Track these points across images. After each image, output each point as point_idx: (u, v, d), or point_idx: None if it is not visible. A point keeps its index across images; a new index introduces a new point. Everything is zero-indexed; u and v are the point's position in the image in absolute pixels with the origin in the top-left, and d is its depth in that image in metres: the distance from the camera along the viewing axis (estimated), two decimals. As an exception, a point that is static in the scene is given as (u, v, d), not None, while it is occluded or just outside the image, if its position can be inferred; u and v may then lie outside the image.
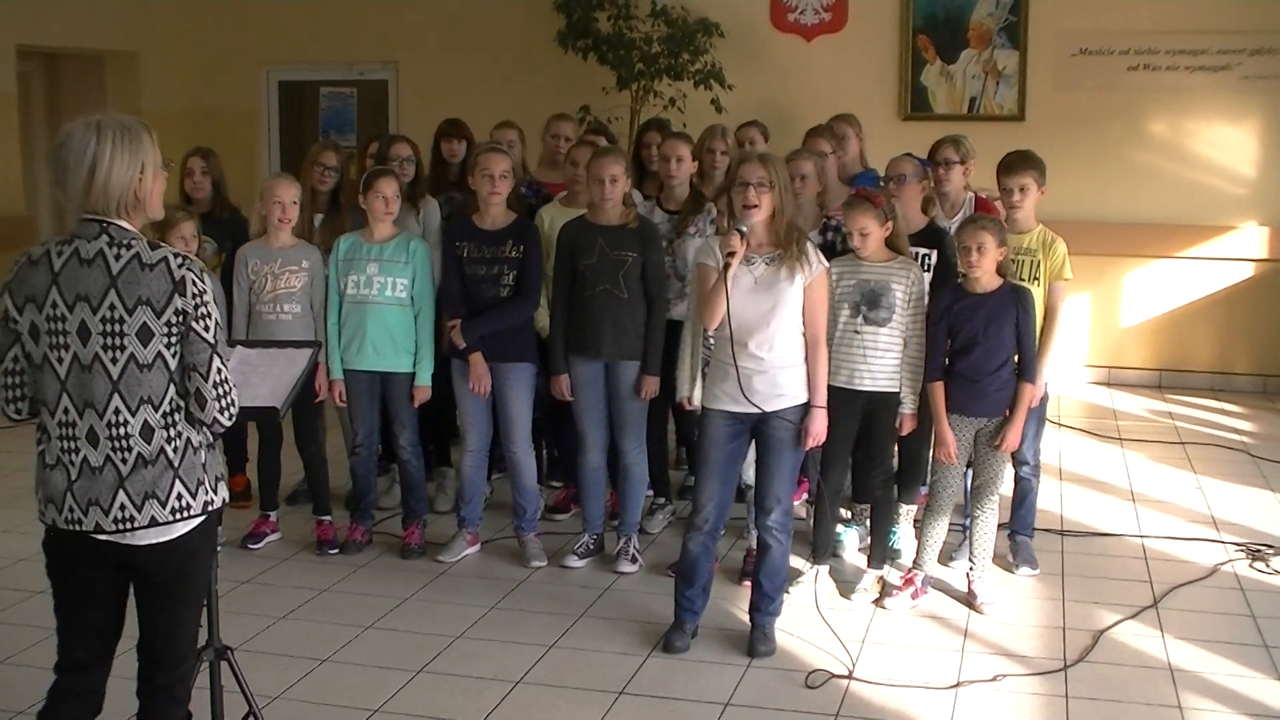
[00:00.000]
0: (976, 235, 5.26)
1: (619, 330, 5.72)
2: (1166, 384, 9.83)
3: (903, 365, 5.39)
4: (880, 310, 5.34)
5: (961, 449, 5.43)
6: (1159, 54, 9.55)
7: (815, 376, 4.92)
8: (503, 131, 7.03)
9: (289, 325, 5.98)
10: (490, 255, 5.83)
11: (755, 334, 4.79)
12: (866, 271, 5.36)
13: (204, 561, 3.45)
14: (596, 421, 5.88)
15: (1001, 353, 5.33)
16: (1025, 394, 5.37)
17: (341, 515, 6.38)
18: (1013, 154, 5.91)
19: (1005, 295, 5.32)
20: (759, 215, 4.79)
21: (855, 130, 7.36)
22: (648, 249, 5.75)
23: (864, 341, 5.36)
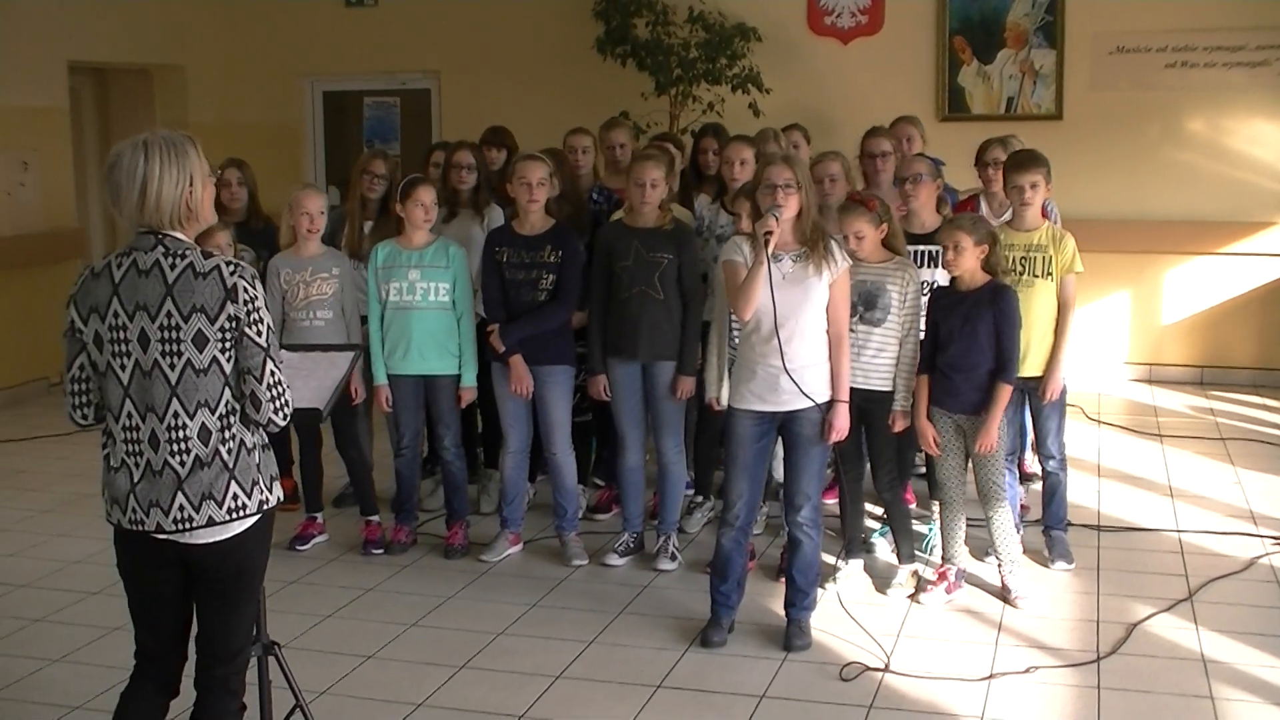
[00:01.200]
0: (952, 235, 5.34)
1: (655, 331, 5.82)
2: (1208, 380, 9.83)
3: (897, 364, 5.48)
4: (876, 311, 5.43)
5: (950, 442, 5.51)
6: (1196, 51, 9.56)
7: (839, 372, 5.01)
8: (576, 137, 7.12)
9: (322, 330, 6.13)
10: (529, 260, 5.95)
11: (783, 329, 4.87)
12: (864, 273, 5.44)
13: (259, 559, 3.59)
14: (634, 422, 6.00)
15: (976, 351, 5.36)
16: (1000, 394, 5.38)
17: (386, 517, 6.50)
18: (1020, 152, 6.02)
19: (984, 294, 5.37)
20: (786, 215, 4.89)
21: (920, 131, 7.49)
22: (683, 250, 5.86)
23: (859, 340, 5.43)
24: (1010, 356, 5.39)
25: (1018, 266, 5.72)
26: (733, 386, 5.12)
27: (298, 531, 6.41)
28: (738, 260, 4.99)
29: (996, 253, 5.40)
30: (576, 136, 7.10)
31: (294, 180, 10.76)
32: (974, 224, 5.42)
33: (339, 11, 11.32)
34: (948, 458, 5.55)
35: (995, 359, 5.37)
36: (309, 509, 6.48)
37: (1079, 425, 8.36)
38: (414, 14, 11.11)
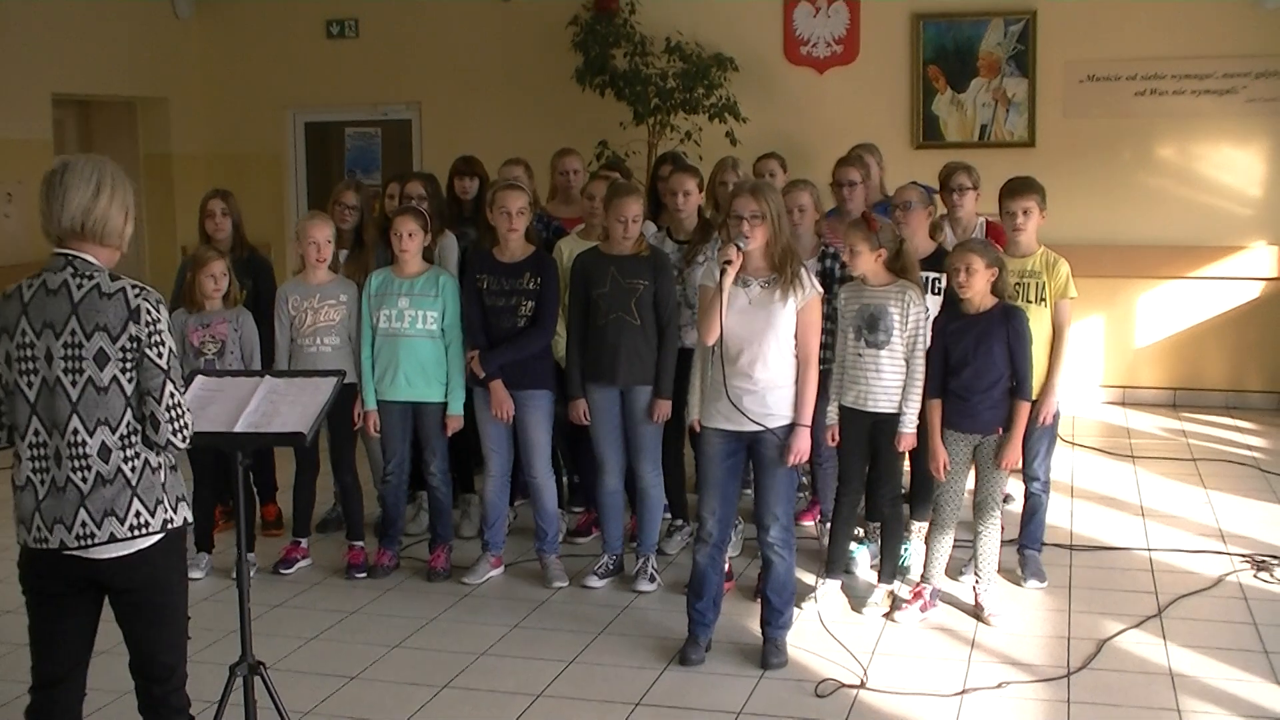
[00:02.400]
0: (964, 257, 5.46)
1: (632, 356, 5.92)
2: (1181, 403, 9.97)
3: (905, 386, 5.57)
4: (878, 333, 5.53)
5: (958, 465, 5.61)
6: (1165, 79, 9.73)
7: (803, 396, 5.10)
8: (510, 168, 7.22)
9: (329, 357, 6.22)
10: (509, 287, 6.05)
11: (746, 352, 4.99)
12: (867, 296, 5.58)
13: (171, 577, 3.63)
14: (613, 446, 6.08)
15: (992, 372, 5.49)
16: (1021, 412, 5.54)
17: (370, 541, 6.58)
18: (1015, 179, 6.10)
19: (996, 316, 5.49)
20: (753, 245, 5.00)
21: (876, 159, 7.62)
22: (659, 277, 5.96)
23: (865, 364, 5.57)
24: (1027, 374, 5.54)
25: (1012, 292, 5.82)
26: (703, 406, 5.22)
27: (282, 555, 6.48)
28: (709, 284, 5.10)
29: (1004, 277, 5.53)
30: (510, 167, 7.22)
31: (277, 211, 10.93)
32: (986, 247, 5.56)
33: (321, 43, 11.44)
34: (953, 481, 5.65)
35: (1012, 377, 5.52)
36: (295, 533, 6.55)
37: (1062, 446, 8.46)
38: (395, 45, 11.24)
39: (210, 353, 6.21)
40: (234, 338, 6.26)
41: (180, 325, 6.22)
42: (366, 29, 11.37)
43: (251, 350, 6.30)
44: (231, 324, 6.27)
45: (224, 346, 6.24)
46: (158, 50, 11.27)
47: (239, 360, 6.24)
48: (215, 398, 4.09)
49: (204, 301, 6.26)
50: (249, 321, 6.34)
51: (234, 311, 6.32)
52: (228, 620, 5.45)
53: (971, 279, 5.43)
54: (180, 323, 6.23)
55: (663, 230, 6.58)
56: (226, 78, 11.61)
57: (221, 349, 6.23)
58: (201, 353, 6.20)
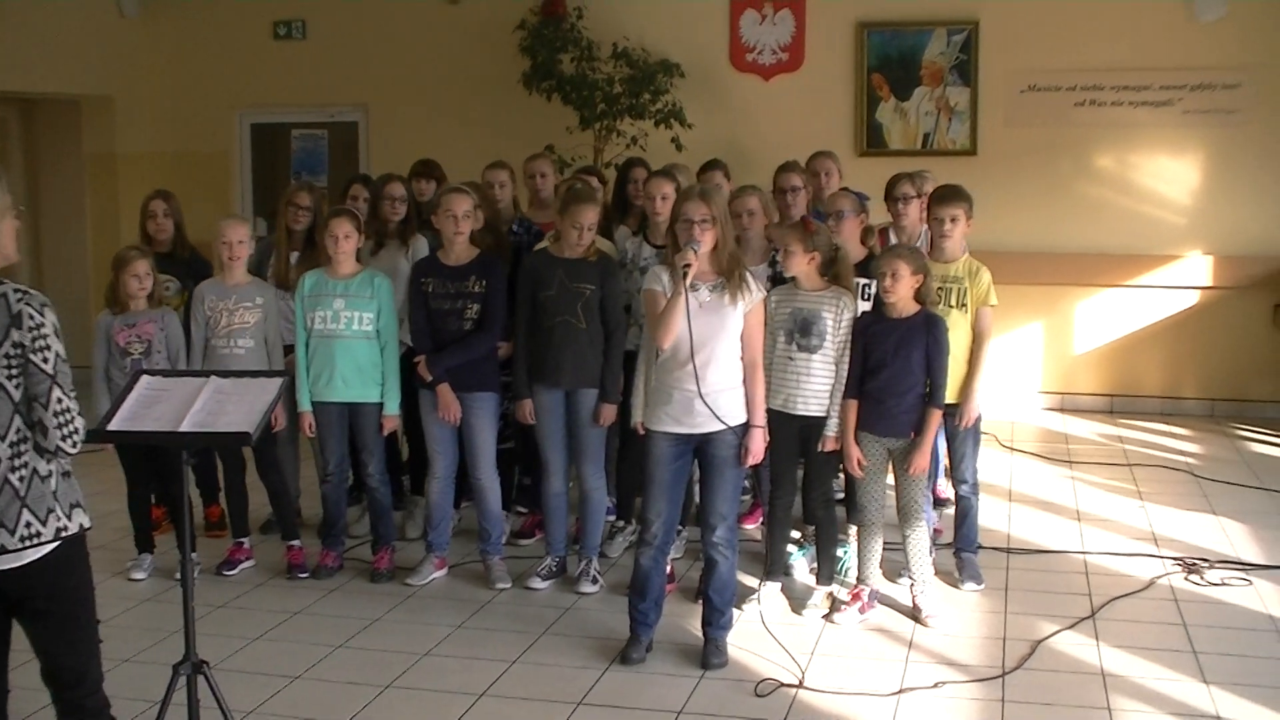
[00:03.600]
0: (891, 263, 5.55)
1: (578, 359, 5.96)
2: (1118, 409, 10.11)
3: (832, 390, 5.65)
4: (811, 338, 5.61)
5: (875, 466, 5.69)
6: (1104, 90, 9.89)
7: (754, 398, 5.19)
8: (495, 172, 7.25)
9: (242, 359, 6.22)
10: (455, 290, 6.09)
11: (699, 355, 5.04)
12: (800, 300, 5.65)
13: (74, 585, 3.60)
14: (558, 448, 6.12)
15: (909, 377, 5.57)
16: (932, 419, 5.63)
17: (314, 542, 6.61)
18: (944, 187, 6.21)
19: (918, 323, 5.58)
20: (703, 248, 5.07)
21: (837, 165, 7.71)
22: (606, 281, 6.01)
23: (797, 368, 5.64)
24: (942, 382, 5.62)
25: (935, 296, 5.93)
26: (650, 409, 5.26)
27: (225, 557, 6.48)
28: (657, 289, 5.16)
29: (928, 284, 5.62)
30: (494, 171, 7.26)
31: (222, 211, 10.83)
32: (912, 253, 5.64)
33: (268, 44, 11.41)
34: (871, 481, 5.72)
35: (927, 385, 5.59)
36: (235, 534, 6.55)
37: (993, 452, 8.59)
38: (343, 47, 11.23)
39: (137, 353, 6.19)
40: (160, 338, 6.24)
41: (106, 326, 6.23)
42: (314, 31, 11.36)
43: (177, 350, 6.27)
44: (157, 324, 6.26)
45: (150, 346, 6.21)
46: (103, 48, 11.21)
47: (165, 360, 6.22)
48: (161, 397, 4.10)
49: (129, 302, 6.24)
50: (174, 321, 6.32)
51: (159, 311, 6.30)
52: (171, 620, 5.53)
53: (896, 284, 5.53)
54: (106, 324, 6.24)
55: (639, 235, 6.63)
56: (173, 77, 11.56)
57: (148, 349, 6.21)
58: (128, 353, 6.19)
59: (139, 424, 4.04)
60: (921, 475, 5.67)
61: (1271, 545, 6.72)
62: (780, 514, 5.91)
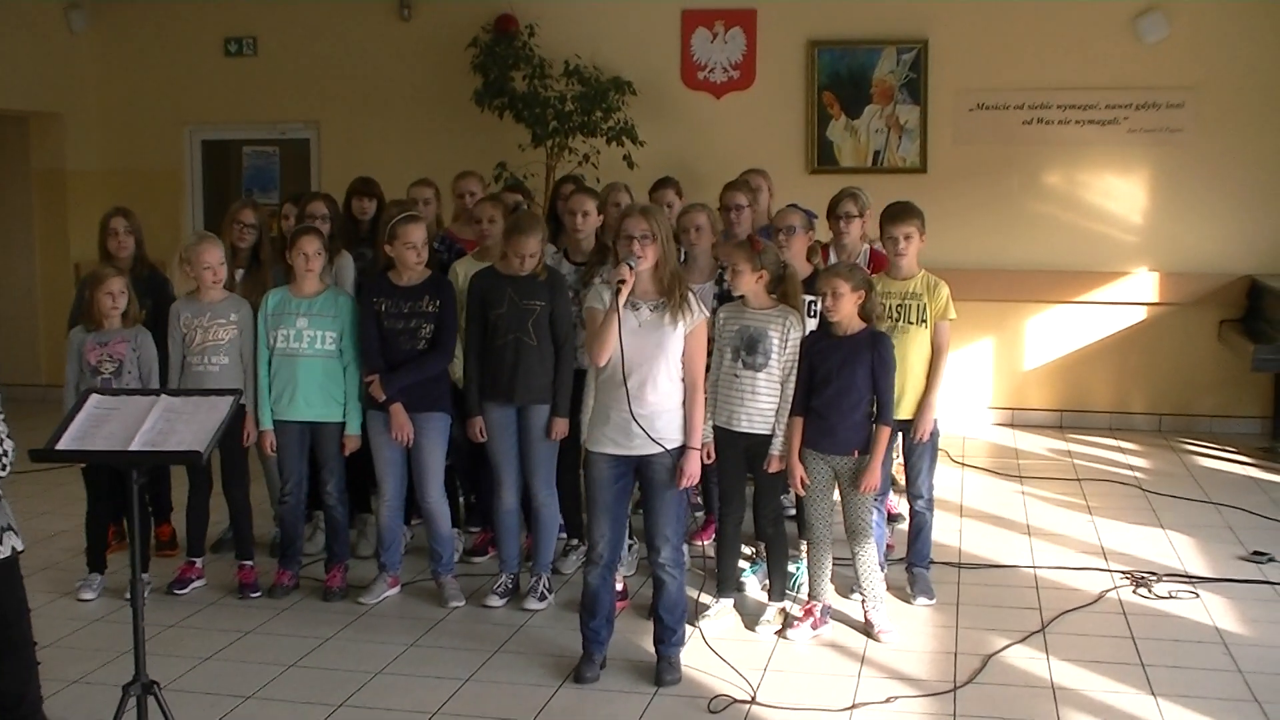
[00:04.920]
0: (830, 281, 5.59)
1: (529, 375, 5.98)
2: (1067, 424, 10.20)
3: (778, 409, 5.66)
4: (757, 355, 5.63)
5: (820, 484, 5.71)
6: (1051, 108, 9.99)
7: (692, 419, 5.20)
8: (419, 189, 7.30)
9: (217, 376, 6.17)
10: (408, 310, 6.10)
11: (636, 375, 5.06)
12: (748, 318, 5.67)
13: (8, 608, 3.63)
14: (510, 464, 6.12)
15: (853, 394, 5.59)
16: (881, 436, 5.65)
17: (266, 561, 6.58)
18: (896, 204, 6.22)
19: (863, 340, 5.61)
20: (644, 265, 5.10)
21: (767, 183, 7.76)
22: (555, 297, 6.03)
23: (742, 385, 5.66)
24: (888, 399, 5.64)
25: (894, 313, 5.98)
26: (591, 430, 5.28)
27: (176, 575, 6.44)
28: (597, 307, 5.17)
29: (872, 299, 5.64)
30: (419, 188, 7.31)
31: (172, 228, 10.81)
32: (851, 271, 5.66)
33: (219, 60, 11.36)
34: (818, 499, 5.75)
35: (874, 402, 5.61)
36: (190, 553, 6.50)
37: (944, 467, 8.61)
38: (294, 64, 11.20)
39: (108, 371, 6.16)
40: (132, 357, 6.21)
41: (78, 344, 6.20)
42: (265, 47, 11.31)
43: (150, 369, 6.24)
44: (130, 343, 6.23)
45: (122, 366, 6.19)
46: (51, 64, 11.13)
47: (137, 379, 6.18)
48: (111, 416, 4.09)
49: (102, 320, 6.21)
50: (148, 341, 6.29)
51: (133, 330, 6.27)
52: (121, 641, 5.49)
53: (838, 303, 5.56)
54: (78, 341, 6.20)
55: (560, 252, 6.64)
56: (122, 93, 11.50)
57: (119, 368, 6.18)
58: (99, 371, 6.15)
59: (88, 443, 4.02)
60: (871, 493, 5.69)
61: (1218, 558, 6.80)
62: (730, 531, 5.93)
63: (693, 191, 7.90)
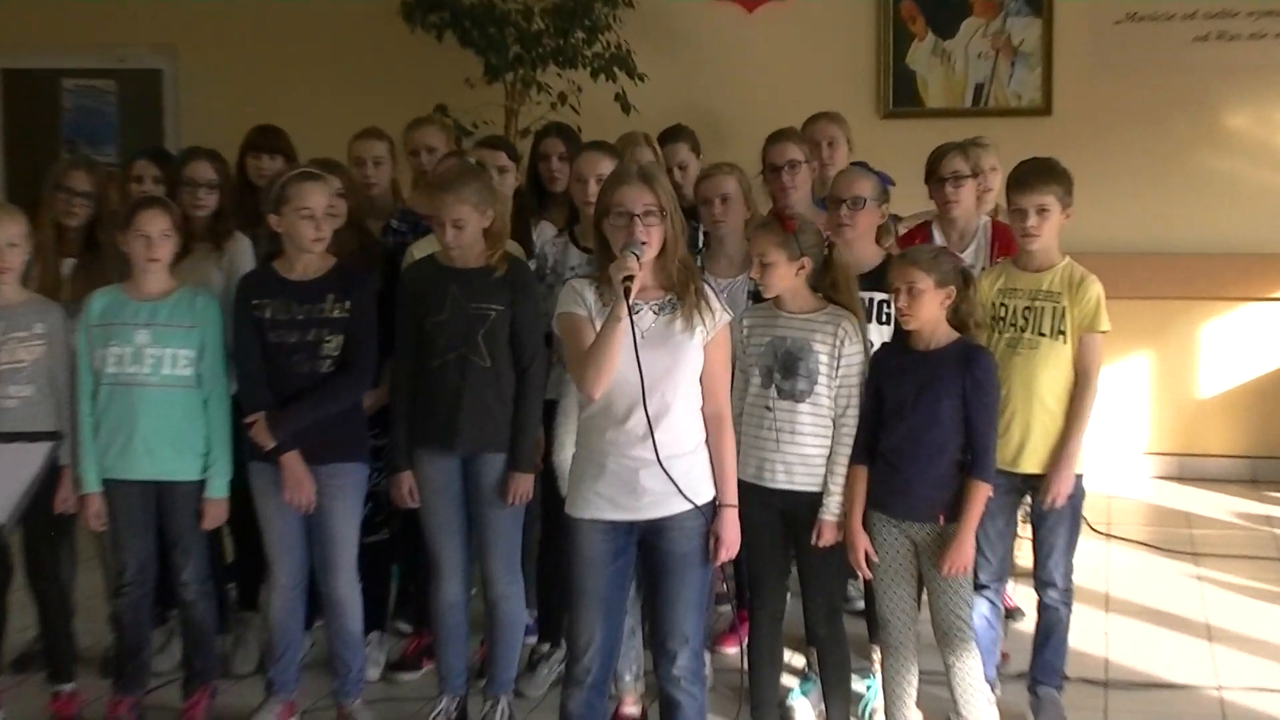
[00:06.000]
0: (905, 272, 5.54)
1: (480, 412, 5.97)
2: (1263, 477, 10.16)
3: (830, 454, 5.64)
4: (797, 379, 5.60)
5: (896, 561, 5.69)
6: (1238, 18, 10.01)
7: (723, 465, 5.18)
8: (366, 144, 7.29)
9: (17, 414, 6.08)
10: (304, 316, 6.07)
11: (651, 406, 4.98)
12: (783, 326, 5.65)
13: None
14: (453, 538, 6.11)
15: (934, 434, 5.56)
16: (975, 496, 5.57)
17: (96, 684, 6.54)
18: (1027, 165, 6.19)
19: (950, 356, 5.58)
20: (648, 252, 5.03)
21: (845, 134, 7.78)
22: (518, 300, 6.03)
23: (777, 422, 5.62)
24: (987, 443, 5.60)
25: (1019, 320, 5.99)
26: (574, 488, 5.24)
27: (-47, 711, 6.41)
28: (579, 314, 5.11)
29: (969, 299, 5.63)
30: (365, 143, 7.29)
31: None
32: (935, 258, 5.62)
33: (29, -41, 11.37)
34: (893, 584, 5.72)
35: (967, 446, 5.58)
36: (-24, 676, 6.51)
37: (1085, 541, 8.56)
38: (141, -37, 11.22)
39: None
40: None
41: None
42: (97, -59, 11.33)
43: None
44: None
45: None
46: None
47: None
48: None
49: None
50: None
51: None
52: None
53: (916, 303, 5.53)
54: None
55: (564, 235, 6.68)
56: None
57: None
58: None
59: None
60: (961, 577, 5.66)
61: None
62: (766, 631, 5.89)
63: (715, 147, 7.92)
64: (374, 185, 7.18)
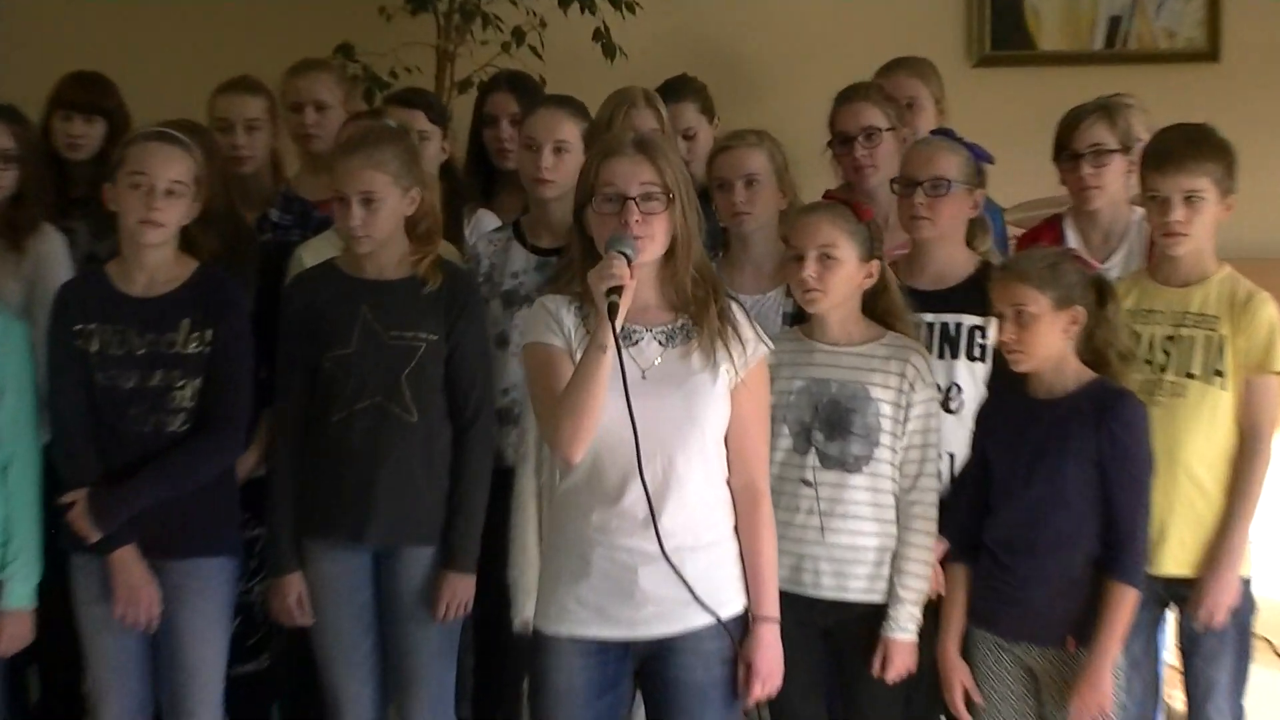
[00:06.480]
0: (1011, 289, 5.55)
1: (402, 485, 5.98)
2: None
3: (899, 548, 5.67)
4: (849, 439, 5.64)
5: (1004, 698, 5.71)
6: None
7: (758, 562, 5.18)
8: (235, 100, 7.34)
9: None
10: (148, 350, 6.09)
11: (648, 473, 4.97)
12: (824, 362, 5.70)
13: None
14: (360, 667, 6.13)
15: (1060, 515, 5.56)
16: (1117, 607, 5.55)
17: None
18: (1172, 134, 6.23)
19: (1080, 406, 5.57)
20: (648, 252, 5.02)
21: (931, 89, 7.86)
22: (461, 326, 6.06)
23: (821, 501, 5.65)
24: (1135, 529, 5.59)
25: (1158, 355, 5.98)
26: (546, 593, 5.25)
27: None
28: (554, 345, 5.12)
29: (1108, 322, 5.64)
30: (233, 99, 7.34)
31: None
32: (1053, 268, 5.61)
33: None
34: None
35: (1107, 535, 5.56)
36: None
37: (1260, 670, 8.58)
38: None
39: None
40: None
41: None
42: None
43: None
44: None
45: None
46: None
47: None
48: None
49: None
50: None
51: None
52: None
53: (1027, 333, 5.54)
54: None
55: (507, 229, 6.73)
56: None
57: None
58: None
59: None
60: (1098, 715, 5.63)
61: None
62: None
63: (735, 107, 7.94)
64: (246, 159, 7.20)
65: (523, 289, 6.36)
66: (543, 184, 6.45)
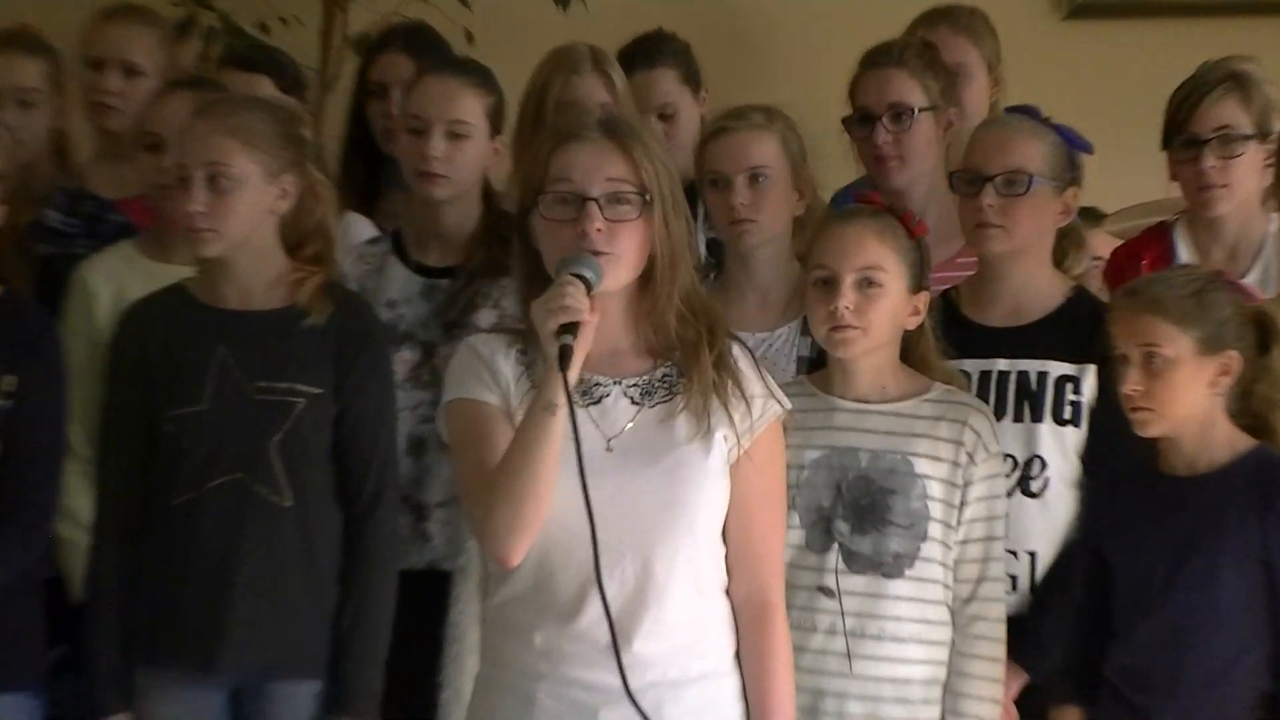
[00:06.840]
0: (1139, 324, 5.39)
1: (268, 595, 5.87)
2: None
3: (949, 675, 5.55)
4: (886, 531, 5.54)
5: None
6: None
7: (767, 702, 5.03)
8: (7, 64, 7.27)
9: None
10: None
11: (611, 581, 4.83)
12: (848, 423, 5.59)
13: None
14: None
15: (1211, 635, 5.43)
16: None
17: None
18: None
19: (1237, 484, 5.42)
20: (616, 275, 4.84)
21: (982, 51, 7.77)
22: (353, 376, 5.94)
23: (847, 618, 5.53)
24: None
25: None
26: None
27: None
28: (488, 402, 4.97)
29: (1271, 375, 5.51)
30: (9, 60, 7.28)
31: None
32: (1197, 298, 5.47)
33: None
34: None
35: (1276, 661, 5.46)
36: None
37: None
38: None
39: None
40: None
41: None
42: None
43: None
44: None
45: None
46: None
47: None
48: None
49: None
50: None
51: None
52: None
53: (1163, 383, 5.39)
54: None
55: (385, 240, 6.70)
56: None
57: None
58: None
59: None
60: None
61: None
62: None
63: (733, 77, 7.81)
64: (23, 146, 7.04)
65: (402, 323, 6.38)
66: (431, 179, 6.42)
